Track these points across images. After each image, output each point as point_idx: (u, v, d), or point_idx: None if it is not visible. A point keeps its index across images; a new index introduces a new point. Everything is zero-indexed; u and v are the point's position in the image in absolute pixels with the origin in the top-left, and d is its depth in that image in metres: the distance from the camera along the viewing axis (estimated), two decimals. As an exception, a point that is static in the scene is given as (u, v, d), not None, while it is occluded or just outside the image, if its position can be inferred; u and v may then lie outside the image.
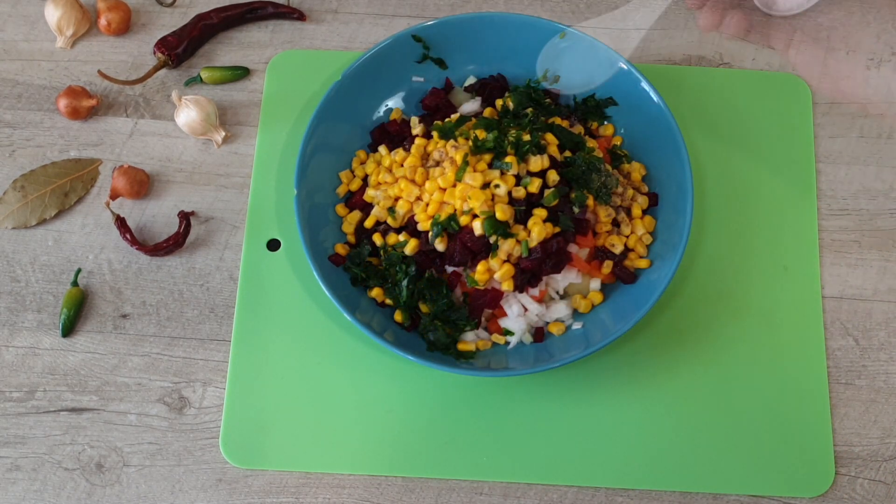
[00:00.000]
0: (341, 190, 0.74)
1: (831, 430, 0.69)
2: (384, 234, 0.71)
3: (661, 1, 0.71)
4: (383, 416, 0.69)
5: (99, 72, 0.78)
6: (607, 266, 0.71)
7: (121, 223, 0.74)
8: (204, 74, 0.80)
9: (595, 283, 0.71)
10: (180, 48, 0.80)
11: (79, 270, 0.73)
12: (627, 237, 0.72)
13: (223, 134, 0.78)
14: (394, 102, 0.78)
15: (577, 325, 0.70)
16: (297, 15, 0.83)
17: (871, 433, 0.70)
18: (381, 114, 0.77)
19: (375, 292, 0.70)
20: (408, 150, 0.72)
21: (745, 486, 0.68)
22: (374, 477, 0.68)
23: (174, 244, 0.74)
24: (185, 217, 0.74)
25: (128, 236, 0.74)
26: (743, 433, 0.69)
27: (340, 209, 0.74)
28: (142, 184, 0.76)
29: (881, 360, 0.72)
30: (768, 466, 0.68)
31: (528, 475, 0.68)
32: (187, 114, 0.76)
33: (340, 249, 0.72)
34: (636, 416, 0.69)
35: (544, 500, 0.68)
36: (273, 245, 0.75)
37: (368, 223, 0.72)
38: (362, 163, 0.75)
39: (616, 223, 0.72)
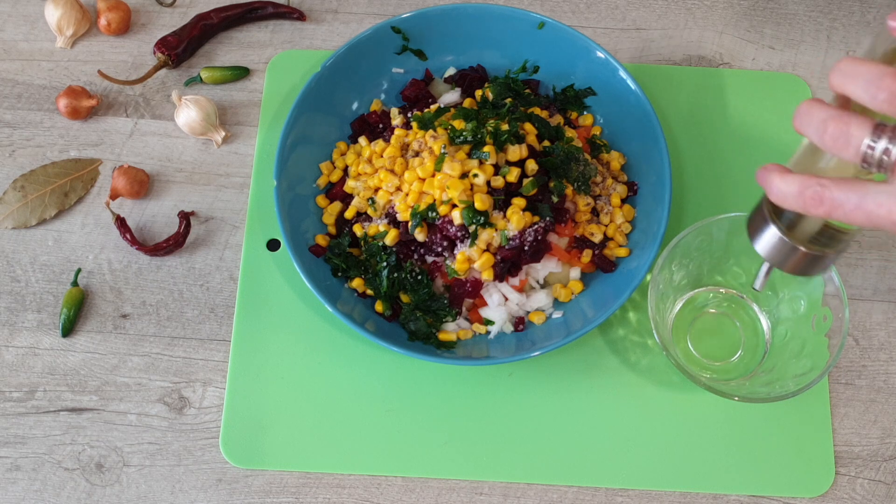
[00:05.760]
0: (322, 181, 0.74)
1: (831, 430, 0.69)
2: (364, 225, 0.71)
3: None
4: (383, 415, 0.69)
5: (99, 72, 0.78)
6: (587, 255, 0.70)
7: (121, 223, 0.74)
8: (204, 74, 0.80)
9: (575, 272, 0.71)
10: (180, 48, 0.80)
11: (79, 270, 0.73)
12: (606, 226, 0.72)
13: (223, 134, 0.78)
14: (374, 93, 0.78)
15: (557, 314, 0.70)
16: (297, 15, 0.83)
17: (871, 433, 0.70)
18: (361, 105, 0.77)
19: (356, 283, 0.70)
20: (388, 141, 0.72)
21: (745, 486, 0.68)
22: (374, 477, 0.68)
23: (174, 244, 0.74)
24: (185, 217, 0.74)
25: (128, 236, 0.74)
26: (743, 433, 0.69)
27: (321, 200, 0.74)
28: (142, 184, 0.76)
29: (881, 360, 0.72)
30: (768, 466, 0.68)
31: (528, 475, 0.68)
32: (187, 114, 0.76)
33: (321, 240, 0.72)
34: (636, 415, 0.69)
35: (544, 500, 0.68)
36: (273, 245, 0.75)
37: (349, 214, 0.72)
38: (343, 154, 0.75)
39: (595, 212, 0.72)
